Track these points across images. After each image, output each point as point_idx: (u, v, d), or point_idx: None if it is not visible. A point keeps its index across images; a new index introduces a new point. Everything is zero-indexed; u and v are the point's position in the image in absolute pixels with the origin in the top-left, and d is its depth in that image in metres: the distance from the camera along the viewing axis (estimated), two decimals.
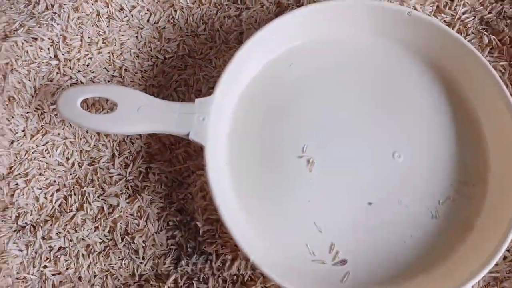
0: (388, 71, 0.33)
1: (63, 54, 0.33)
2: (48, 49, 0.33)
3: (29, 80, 0.32)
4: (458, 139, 0.32)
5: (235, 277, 0.32)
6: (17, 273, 0.31)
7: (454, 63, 0.32)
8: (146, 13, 0.37)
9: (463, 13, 0.36)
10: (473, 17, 0.36)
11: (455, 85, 0.33)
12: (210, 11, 0.37)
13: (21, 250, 0.32)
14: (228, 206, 0.29)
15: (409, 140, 0.32)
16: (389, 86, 0.33)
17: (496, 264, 0.30)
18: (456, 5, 0.35)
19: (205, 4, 0.37)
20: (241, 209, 0.31)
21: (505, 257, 0.31)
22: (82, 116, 0.29)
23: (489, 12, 0.35)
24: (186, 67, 0.36)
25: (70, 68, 0.34)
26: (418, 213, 0.30)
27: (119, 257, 0.32)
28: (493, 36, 0.35)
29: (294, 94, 0.33)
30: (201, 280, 0.30)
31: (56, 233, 0.32)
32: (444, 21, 0.35)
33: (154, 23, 0.37)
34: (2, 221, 0.32)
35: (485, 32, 0.35)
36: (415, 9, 0.35)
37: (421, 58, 0.33)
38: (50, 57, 0.33)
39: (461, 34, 0.35)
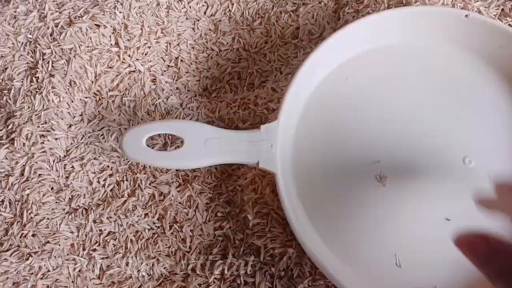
0: (456, 78, 0.32)
1: (123, 42, 0.34)
2: (110, 36, 0.34)
3: (91, 66, 0.33)
4: None
5: (282, 272, 0.31)
6: (67, 254, 0.32)
7: None
8: (203, 5, 0.37)
9: None
10: None
11: None
12: (267, 5, 0.37)
13: (72, 232, 0.32)
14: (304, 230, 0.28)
15: (479, 144, 0.30)
16: (456, 93, 0.32)
17: None
18: None
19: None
20: (315, 232, 0.29)
21: None
22: (149, 155, 0.28)
23: None
24: (240, 60, 0.36)
25: (129, 56, 0.34)
26: (499, 222, 0.28)
27: (166, 244, 0.32)
28: None
29: (356, 105, 0.31)
30: (248, 273, 0.30)
31: (107, 218, 0.32)
32: (510, 24, 0.34)
33: (211, 16, 0.37)
34: (56, 202, 0.33)
35: None
36: (480, 11, 0.34)
37: (491, 66, 0.32)
38: (111, 44, 0.34)
39: None
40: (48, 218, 0.32)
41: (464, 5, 0.34)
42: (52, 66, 0.33)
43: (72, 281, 0.31)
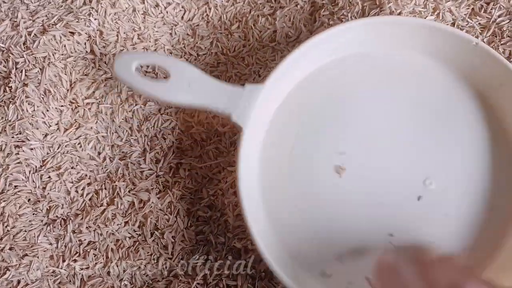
0: (431, 92, 0.32)
1: (99, 49, 0.33)
2: (85, 43, 0.33)
3: (65, 74, 0.32)
4: (494, 166, 0.30)
5: (263, 273, 0.31)
6: (47, 266, 0.31)
7: (501, 93, 0.31)
8: (180, 10, 0.37)
9: (499, 16, 0.35)
10: (508, 20, 0.35)
11: (499, 114, 0.31)
12: (244, 9, 0.37)
13: (51, 244, 0.32)
14: (251, 197, 0.29)
15: (441, 165, 0.30)
16: (430, 108, 0.32)
17: None
18: (492, 8, 0.35)
19: (239, 2, 0.37)
20: (263, 203, 0.30)
21: None
22: (136, 80, 0.29)
23: None
24: (218, 64, 0.36)
25: (105, 62, 0.34)
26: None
27: (148, 252, 0.32)
28: None
29: (335, 104, 0.32)
30: (230, 276, 0.30)
31: (87, 227, 0.32)
32: (480, 23, 0.35)
33: (188, 20, 0.37)
34: (33, 214, 0.32)
35: None
36: (451, 11, 0.35)
37: (467, 83, 0.32)
38: (87, 52, 0.33)
39: (495, 37, 0.35)
40: (25, 230, 0.31)
41: (436, 5, 0.35)
42: (25, 75, 0.32)
43: None
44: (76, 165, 0.32)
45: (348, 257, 0.29)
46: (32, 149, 0.32)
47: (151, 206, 0.32)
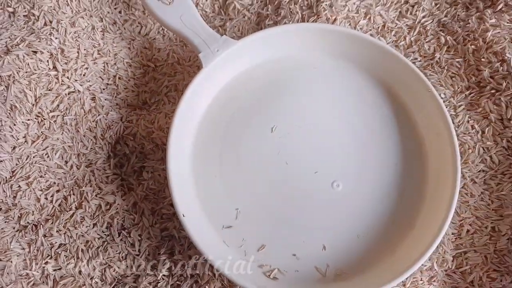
0: (346, 91, 0.36)
1: (61, 65, 0.36)
2: (48, 61, 0.36)
3: (30, 90, 0.35)
4: (403, 157, 0.34)
5: None
6: (20, 270, 0.33)
7: (406, 89, 0.35)
8: (137, 26, 0.40)
9: (423, 17, 0.39)
10: (431, 20, 0.39)
11: (408, 109, 0.35)
12: None
13: (23, 248, 0.34)
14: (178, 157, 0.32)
15: (349, 168, 0.33)
16: (346, 105, 0.35)
17: (460, 237, 0.33)
18: (416, 10, 0.39)
19: None
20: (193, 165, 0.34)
21: (467, 231, 0.34)
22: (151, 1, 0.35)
23: (445, 16, 0.39)
24: (175, 73, 0.39)
25: (68, 78, 0.36)
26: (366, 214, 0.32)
27: (116, 250, 0.34)
28: (449, 37, 0.38)
29: (262, 97, 0.36)
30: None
31: (57, 231, 0.34)
32: (407, 24, 0.39)
33: (145, 35, 0.40)
34: (5, 222, 0.34)
35: (442, 33, 0.39)
36: (381, 15, 0.39)
37: (377, 82, 0.36)
38: (49, 68, 0.36)
39: (421, 35, 0.39)
40: None
41: (367, 10, 0.38)
42: None
43: None
44: (45, 174, 0.35)
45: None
46: (1, 161, 0.34)
47: (117, 208, 0.34)
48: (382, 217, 0.32)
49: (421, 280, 0.32)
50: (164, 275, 0.33)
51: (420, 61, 0.38)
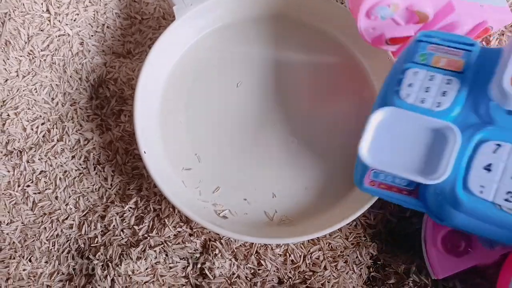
0: (302, 50, 0.38)
1: (53, 9, 0.39)
2: (42, 3, 0.39)
3: (24, 28, 0.38)
4: (355, 109, 0.36)
5: None
6: (4, 189, 0.37)
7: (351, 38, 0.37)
8: None
9: None
10: None
11: (353, 57, 0.37)
12: None
13: (8, 171, 0.37)
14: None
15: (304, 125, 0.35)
16: (301, 64, 0.37)
17: None
18: None
19: None
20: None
21: None
22: None
23: None
24: (160, 27, 0.42)
25: (59, 21, 0.39)
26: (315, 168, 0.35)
27: (91, 182, 0.38)
28: None
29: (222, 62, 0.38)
30: (156, 201, 0.36)
31: (39, 159, 0.38)
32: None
33: None
34: None
35: None
36: None
37: (330, 38, 0.38)
38: (43, 11, 0.39)
39: None
40: None
41: None
42: None
43: (8, 212, 0.36)
44: (32, 107, 0.38)
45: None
46: None
47: (94, 144, 0.38)
48: (330, 172, 0.34)
49: (364, 236, 0.35)
50: (130, 207, 0.36)
51: None
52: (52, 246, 0.36)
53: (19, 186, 0.37)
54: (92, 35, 0.40)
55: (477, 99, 0.26)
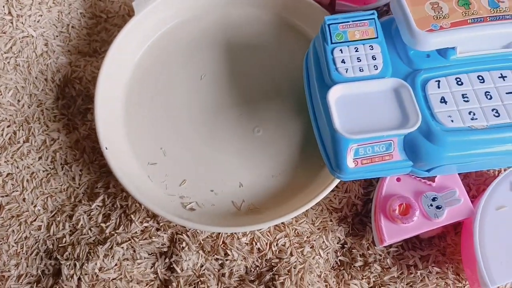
0: (265, 37, 0.38)
1: (15, 11, 0.39)
2: (4, 6, 0.39)
3: None
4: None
5: None
6: None
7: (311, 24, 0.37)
8: None
9: None
10: None
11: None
12: None
13: None
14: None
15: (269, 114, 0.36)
16: (264, 50, 0.38)
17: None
18: None
19: None
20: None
21: None
22: None
23: None
24: (124, 23, 0.42)
25: (22, 23, 0.39)
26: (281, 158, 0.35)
27: (59, 182, 0.37)
28: None
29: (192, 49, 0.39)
30: (123, 198, 0.36)
31: (5, 161, 0.37)
32: None
33: None
34: None
35: None
36: None
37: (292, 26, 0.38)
38: (5, 13, 0.39)
39: None
40: None
41: None
42: None
43: None
44: None
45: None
46: None
47: (61, 144, 0.38)
48: (294, 161, 0.34)
49: (330, 221, 0.34)
50: (98, 205, 0.36)
51: None
52: (21, 248, 0.35)
53: None
54: (57, 36, 0.40)
55: (399, 52, 0.30)
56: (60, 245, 0.35)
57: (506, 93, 0.29)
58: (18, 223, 0.36)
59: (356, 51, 0.29)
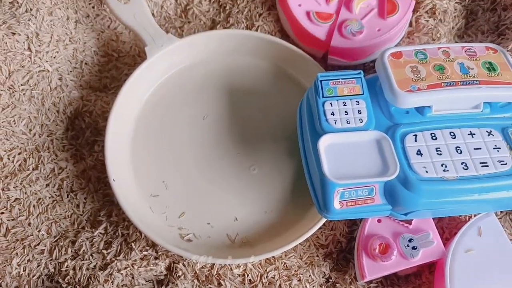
0: (261, 84, 0.42)
1: (35, 47, 0.42)
2: (24, 42, 0.42)
3: (5, 65, 0.41)
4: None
5: None
6: None
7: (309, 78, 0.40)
8: (107, 21, 0.46)
9: None
10: None
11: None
12: (160, 22, 0.47)
13: None
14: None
15: (263, 154, 0.39)
16: (262, 96, 0.41)
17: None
18: None
19: (156, 17, 0.46)
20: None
21: None
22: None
23: None
24: (135, 64, 0.45)
25: (40, 58, 0.42)
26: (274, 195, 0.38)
27: (63, 209, 0.40)
28: None
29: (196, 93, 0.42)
30: (124, 226, 0.38)
31: (14, 187, 0.39)
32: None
33: (114, 29, 0.46)
34: None
35: None
36: None
37: (287, 74, 0.43)
38: (24, 49, 0.42)
39: None
40: None
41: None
42: None
43: None
44: (10, 138, 0.40)
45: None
46: None
47: (68, 172, 0.40)
48: (286, 199, 0.37)
49: (317, 256, 0.37)
50: (100, 233, 0.38)
51: None
52: (23, 271, 0.37)
53: None
54: (70, 71, 0.44)
55: (382, 108, 0.35)
56: (61, 269, 0.37)
57: (474, 148, 0.33)
58: (22, 246, 0.38)
59: (344, 105, 0.33)
